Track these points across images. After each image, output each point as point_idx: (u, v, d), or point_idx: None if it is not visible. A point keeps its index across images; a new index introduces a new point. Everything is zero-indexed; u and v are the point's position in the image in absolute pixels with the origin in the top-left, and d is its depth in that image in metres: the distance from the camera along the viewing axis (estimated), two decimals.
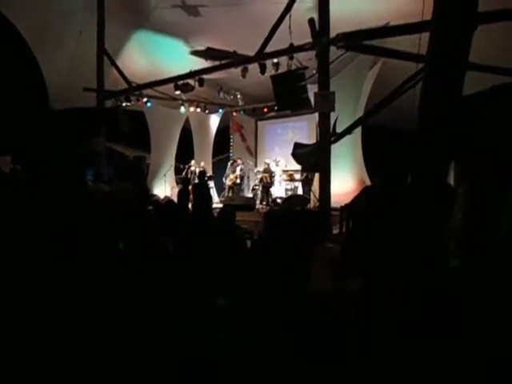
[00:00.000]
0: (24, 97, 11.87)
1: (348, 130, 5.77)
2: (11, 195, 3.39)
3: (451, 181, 2.96)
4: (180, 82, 8.79)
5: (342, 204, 5.36)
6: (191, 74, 8.45)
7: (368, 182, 8.76)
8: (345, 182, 8.67)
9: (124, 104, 9.75)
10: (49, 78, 9.99)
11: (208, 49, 9.42)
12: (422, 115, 2.33)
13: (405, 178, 2.31)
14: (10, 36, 9.40)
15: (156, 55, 10.11)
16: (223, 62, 8.35)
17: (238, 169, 11.89)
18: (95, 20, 8.60)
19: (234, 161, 12.41)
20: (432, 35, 2.35)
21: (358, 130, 8.52)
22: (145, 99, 10.51)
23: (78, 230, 2.69)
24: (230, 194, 11.74)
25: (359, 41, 5.81)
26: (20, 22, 8.91)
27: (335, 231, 5.43)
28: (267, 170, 10.96)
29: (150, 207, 5.52)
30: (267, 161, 11.41)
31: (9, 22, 8.85)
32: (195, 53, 9.78)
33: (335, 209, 5.99)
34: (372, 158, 8.56)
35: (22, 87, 11.76)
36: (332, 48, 5.72)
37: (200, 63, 9.57)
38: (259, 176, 11.50)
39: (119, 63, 9.11)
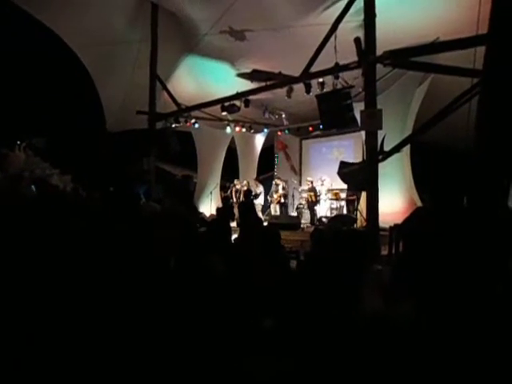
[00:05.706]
0: (84, 120, 12.85)
1: (396, 149, 5.63)
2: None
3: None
4: (226, 104, 9.06)
5: (391, 224, 5.18)
6: (237, 96, 8.70)
7: (418, 202, 8.42)
8: (393, 201, 8.38)
9: (173, 125, 10.18)
10: (106, 102, 10.76)
11: (254, 71, 9.67)
12: (479, 132, 2.24)
13: (460, 199, 2.21)
14: (74, 65, 10.29)
15: (204, 78, 10.53)
16: (269, 82, 8.53)
17: (280, 188, 11.89)
18: (149, 49, 9.19)
19: (278, 179, 12.49)
20: (488, 48, 2.27)
21: (407, 148, 8.28)
22: (193, 120, 10.91)
23: (131, 248, 2.83)
24: (274, 213, 11.75)
25: (407, 58, 5.71)
26: (82, 52, 9.73)
27: (384, 252, 5.25)
28: (311, 189, 10.90)
29: (198, 225, 5.68)
30: (309, 178, 11.39)
31: (73, 53, 9.70)
32: (241, 75, 10.08)
33: (383, 229, 5.80)
34: (422, 177, 8.24)
35: (83, 112, 12.75)
36: (378, 65, 5.67)
37: (246, 85, 9.84)
38: (304, 195, 11.45)
39: (170, 87, 9.58)
